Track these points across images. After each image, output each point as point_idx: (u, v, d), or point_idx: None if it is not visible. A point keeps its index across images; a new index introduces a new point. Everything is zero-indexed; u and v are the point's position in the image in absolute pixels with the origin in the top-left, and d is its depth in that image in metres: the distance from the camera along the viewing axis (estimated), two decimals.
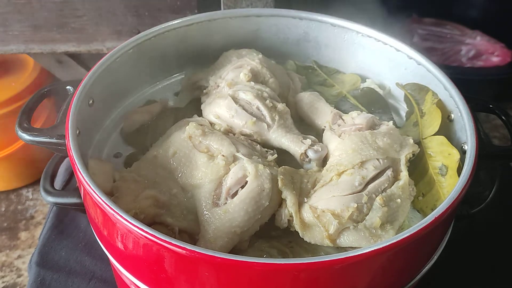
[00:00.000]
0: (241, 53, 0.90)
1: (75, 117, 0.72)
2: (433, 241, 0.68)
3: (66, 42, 1.30)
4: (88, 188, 0.62)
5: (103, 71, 0.81)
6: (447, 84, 0.79)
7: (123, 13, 1.26)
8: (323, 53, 0.97)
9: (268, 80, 0.85)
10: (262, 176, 0.67)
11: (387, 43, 0.89)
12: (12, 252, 1.51)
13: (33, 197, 1.66)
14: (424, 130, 0.79)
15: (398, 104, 0.91)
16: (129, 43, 0.85)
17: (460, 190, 0.63)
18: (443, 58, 1.74)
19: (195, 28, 0.92)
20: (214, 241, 0.64)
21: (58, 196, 0.74)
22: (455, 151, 0.72)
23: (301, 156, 0.75)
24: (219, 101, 0.79)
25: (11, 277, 1.45)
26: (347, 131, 0.76)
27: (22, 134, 0.76)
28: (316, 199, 0.68)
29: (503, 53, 1.73)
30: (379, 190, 0.67)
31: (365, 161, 0.70)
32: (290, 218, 0.67)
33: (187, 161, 0.72)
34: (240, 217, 0.65)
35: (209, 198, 0.68)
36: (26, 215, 1.61)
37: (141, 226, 0.57)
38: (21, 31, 1.28)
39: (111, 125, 0.87)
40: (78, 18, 1.26)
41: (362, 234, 0.64)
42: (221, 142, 0.72)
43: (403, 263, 0.64)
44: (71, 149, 0.68)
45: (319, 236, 0.65)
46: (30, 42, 1.30)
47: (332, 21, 0.93)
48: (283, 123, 0.78)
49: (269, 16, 0.95)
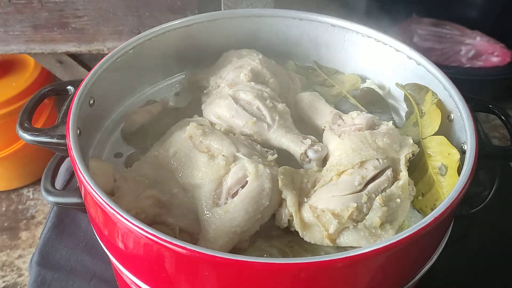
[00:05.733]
0: (242, 53, 0.90)
1: (75, 117, 0.73)
2: (433, 241, 0.68)
3: (67, 42, 1.31)
4: (89, 188, 0.62)
5: (104, 71, 0.81)
6: (446, 84, 0.79)
7: (123, 13, 1.26)
8: (323, 53, 0.97)
9: (268, 80, 0.85)
10: (262, 176, 0.67)
11: (387, 43, 0.89)
12: (12, 252, 1.51)
13: (33, 197, 1.67)
14: (423, 130, 0.79)
15: (398, 104, 0.91)
16: (129, 43, 0.85)
17: (459, 190, 0.63)
18: (443, 58, 1.74)
19: (196, 28, 0.92)
20: (214, 241, 0.64)
21: (59, 196, 0.73)
22: (454, 151, 0.72)
23: (301, 156, 0.75)
24: (219, 101, 0.80)
25: (11, 277, 1.45)
26: (347, 131, 0.76)
27: (23, 134, 0.75)
28: (316, 199, 0.68)
29: (503, 53, 1.73)
30: (378, 190, 0.68)
31: (365, 161, 0.70)
32: (290, 218, 0.67)
33: (188, 161, 0.72)
34: (241, 217, 0.65)
35: (210, 197, 0.68)
36: (27, 214, 1.62)
37: (141, 225, 0.58)
38: (22, 31, 1.28)
39: (112, 125, 0.87)
40: (79, 18, 1.27)
41: (362, 233, 0.64)
42: (221, 142, 0.73)
43: (403, 263, 0.64)
44: (72, 149, 0.68)
45: (319, 236, 0.65)
46: (31, 42, 1.30)
47: (332, 21, 0.93)
48: (283, 123, 0.78)
49: (269, 16, 0.95)
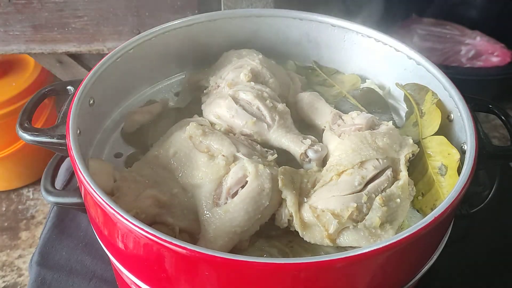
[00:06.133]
0: (242, 53, 0.90)
1: (75, 117, 0.73)
2: (433, 241, 0.68)
3: (67, 42, 1.31)
4: (89, 188, 0.62)
5: (104, 71, 0.81)
6: (446, 84, 0.79)
7: (123, 13, 1.26)
8: (323, 54, 0.98)
9: (268, 80, 0.85)
10: (262, 176, 0.67)
11: (387, 43, 0.89)
12: (12, 252, 1.51)
13: (33, 197, 1.67)
14: (423, 130, 0.79)
15: (398, 104, 0.91)
16: (129, 43, 0.86)
17: (459, 189, 0.63)
18: (443, 58, 1.74)
19: (196, 28, 0.92)
20: (214, 241, 0.64)
21: (59, 196, 0.73)
22: (454, 151, 0.72)
23: (301, 156, 0.75)
24: (219, 101, 0.80)
25: (11, 277, 1.45)
26: (347, 131, 0.76)
27: (23, 134, 0.75)
28: (316, 199, 0.68)
29: (503, 53, 1.73)
30: (378, 190, 0.68)
31: (365, 161, 0.70)
32: (290, 218, 0.67)
33: (188, 161, 0.72)
34: (241, 217, 0.65)
35: (210, 197, 0.68)
36: (26, 214, 1.62)
37: (141, 225, 0.58)
38: (22, 31, 1.28)
39: (112, 125, 0.87)
40: (79, 18, 1.27)
41: (362, 233, 0.64)
42: (221, 142, 0.73)
43: (403, 263, 0.64)
44: (72, 149, 0.68)
45: (319, 236, 0.65)
46: (31, 42, 1.30)
47: (332, 21, 0.93)
48: (283, 123, 0.78)
49: (269, 16, 0.95)
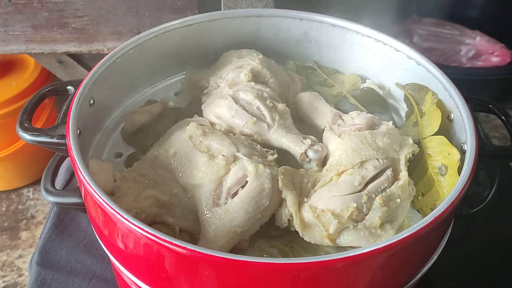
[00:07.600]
0: (242, 53, 0.90)
1: (75, 117, 0.73)
2: (433, 241, 0.68)
3: (67, 42, 1.31)
4: (89, 188, 0.63)
5: (104, 71, 0.81)
6: (446, 84, 0.79)
7: (123, 13, 1.26)
8: (323, 54, 0.98)
9: (268, 80, 0.85)
10: (262, 176, 0.67)
11: (387, 43, 0.89)
12: (13, 252, 1.51)
13: (33, 197, 1.67)
14: (423, 130, 0.79)
15: (398, 104, 0.91)
16: (129, 43, 0.86)
17: (459, 189, 0.63)
18: (443, 58, 1.74)
19: (196, 28, 0.92)
20: (214, 241, 0.64)
21: (59, 196, 0.73)
22: (454, 151, 0.72)
23: (301, 156, 0.75)
24: (219, 101, 0.80)
25: (11, 277, 1.45)
26: (347, 131, 0.76)
27: (23, 134, 0.75)
28: (316, 199, 0.68)
29: (503, 53, 1.73)
30: (378, 190, 0.68)
31: (365, 161, 0.70)
32: (290, 218, 0.67)
33: (188, 161, 0.72)
34: (241, 217, 0.65)
35: (210, 197, 0.68)
36: (27, 214, 1.62)
37: (141, 225, 0.58)
38: (22, 31, 1.28)
39: (112, 125, 0.87)
40: (79, 18, 1.27)
41: (362, 233, 0.64)
42: (221, 142, 0.73)
43: (403, 263, 0.64)
44: (72, 149, 0.68)
45: (319, 236, 0.65)
46: (31, 42, 1.30)
47: (332, 21, 0.93)
48: (283, 123, 0.78)
49: (269, 16, 0.95)
